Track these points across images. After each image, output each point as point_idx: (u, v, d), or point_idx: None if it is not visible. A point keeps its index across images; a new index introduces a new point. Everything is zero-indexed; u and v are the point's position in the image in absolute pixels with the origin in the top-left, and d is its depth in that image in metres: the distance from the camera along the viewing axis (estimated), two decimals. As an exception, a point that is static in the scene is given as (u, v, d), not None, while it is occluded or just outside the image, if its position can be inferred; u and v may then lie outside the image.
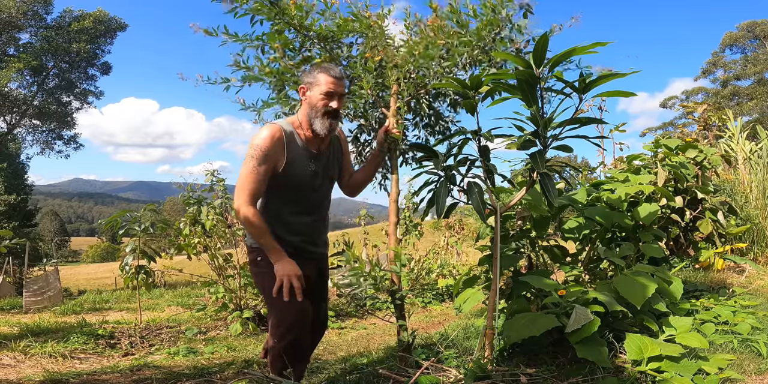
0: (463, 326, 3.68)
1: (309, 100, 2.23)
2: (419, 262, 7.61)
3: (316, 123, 2.21)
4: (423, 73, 2.48)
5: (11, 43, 23.96)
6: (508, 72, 2.12)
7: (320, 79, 2.20)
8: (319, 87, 2.20)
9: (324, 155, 2.34)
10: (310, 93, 2.23)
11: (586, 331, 2.14)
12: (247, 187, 2.12)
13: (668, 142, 4.20)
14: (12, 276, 14.39)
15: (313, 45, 2.61)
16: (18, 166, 27.11)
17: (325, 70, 2.21)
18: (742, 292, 3.53)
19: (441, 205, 2.14)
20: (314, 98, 2.21)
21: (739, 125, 6.50)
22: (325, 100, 2.19)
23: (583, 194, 3.24)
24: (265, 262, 2.26)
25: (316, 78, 2.21)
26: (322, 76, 2.20)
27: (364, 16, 2.55)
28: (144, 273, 5.44)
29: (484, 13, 2.49)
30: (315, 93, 2.21)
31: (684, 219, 4.02)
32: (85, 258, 68.82)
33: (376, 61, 2.49)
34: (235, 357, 3.87)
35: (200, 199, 5.92)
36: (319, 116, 2.21)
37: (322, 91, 2.19)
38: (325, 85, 2.19)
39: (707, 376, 2.12)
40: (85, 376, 3.24)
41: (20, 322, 5.69)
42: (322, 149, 2.32)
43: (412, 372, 2.03)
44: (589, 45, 1.80)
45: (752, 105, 32.40)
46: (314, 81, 2.21)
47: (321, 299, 2.48)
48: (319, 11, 2.55)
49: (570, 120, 2.00)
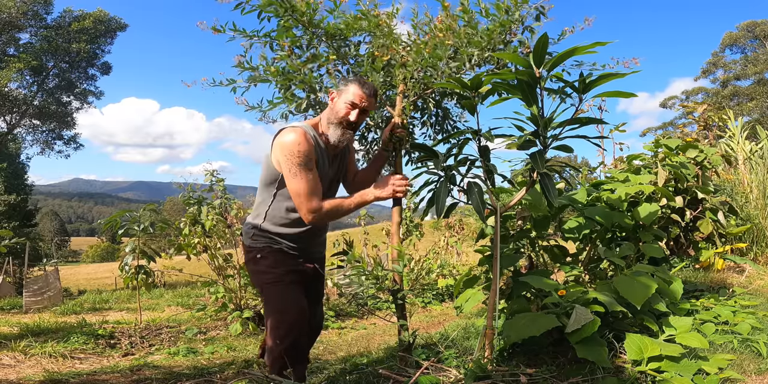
0: (463, 326, 3.68)
1: (333, 105, 2.24)
2: (419, 262, 7.61)
3: (331, 130, 2.23)
4: (430, 72, 2.47)
5: (11, 43, 23.97)
6: (508, 72, 2.11)
7: (351, 89, 2.21)
8: (347, 96, 2.21)
9: (338, 158, 2.37)
10: (337, 99, 2.24)
11: (586, 331, 2.14)
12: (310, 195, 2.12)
13: (668, 142, 4.20)
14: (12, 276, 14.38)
15: (320, 43, 2.60)
16: (18, 166, 27.09)
17: (359, 83, 2.22)
18: (742, 292, 3.53)
19: (441, 205, 2.14)
20: (338, 105, 2.22)
21: (739, 125, 6.50)
22: (348, 109, 2.20)
23: (583, 194, 3.23)
24: (264, 260, 2.25)
25: (347, 87, 2.22)
26: (353, 87, 2.21)
27: (373, 14, 2.54)
28: (144, 273, 5.44)
29: (497, 15, 2.47)
30: (341, 100, 2.22)
31: (684, 219, 4.02)
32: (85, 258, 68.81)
33: (384, 61, 2.48)
34: (235, 357, 3.87)
35: (200, 199, 5.92)
36: (335, 123, 2.22)
37: (348, 101, 2.20)
38: (353, 95, 2.20)
39: (707, 376, 2.12)
40: (85, 376, 3.24)
41: (20, 322, 5.69)
42: (337, 152, 2.34)
43: (412, 372, 2.03)
44: (589, 45, 1.79)
45: (752, 105, 32.39)
46: (345, 89, 2.22)
47: (316, 302, 2.48)
48: (328, 9, 2.54)
49: (570, 120, 2.00)
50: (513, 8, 2.43)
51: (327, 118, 2.24)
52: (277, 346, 2.23)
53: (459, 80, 2.15)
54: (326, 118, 2.25)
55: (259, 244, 2.29)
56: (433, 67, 2.43)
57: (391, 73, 2.53)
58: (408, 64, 2.44)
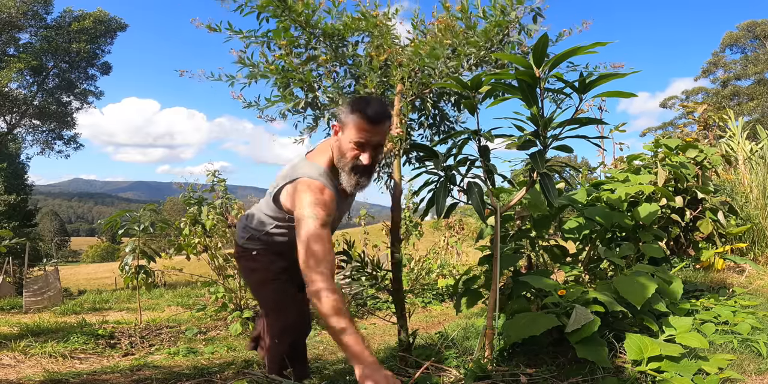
0: (463, 326, 3.67)
1: (339, 144, 1.83)
2: (419, 262, 7.61)
3: (343, 177, 1.85)
4: (428, 72, 2.47)
5: (11, 43, 23.96)
6: (508, 72, 2.12)
7: (352, 122, 1.76)
8: (350, 132, 1.77)
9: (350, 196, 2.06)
10: (342, 135, 1.82)
11: (586, 331, 2.14)
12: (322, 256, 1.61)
13: (668, 142, 4.20)
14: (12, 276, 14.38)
15: (318, 43, 2.60)
16: (18, 166, 27.09)
17: (361, 111, 1.75)
18: (742, 292, 3.52)
19: (441, 205, 2.14)
20: (344, 145, 1.80)
21: (740, 125, 6.50)
22: (355, 150, 1.78)
23: (583, 194, 3.23)
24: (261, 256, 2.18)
25: (349, 118, 1.78)
26: (354, 118, 1.75)
27: (372, 15, 2.54)
28: (144, 273, 5.44)
29: (494, 15, 2.47)
30: (345, 138, 1.79)
31: (684, 219, 4.02)
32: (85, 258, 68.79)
33: (381, 61, 2.48)
34: (235, 357, 3.87)
35: (201, 199, 5.94)
36: (347, 170, 1.83)
37: (352, 140, 1.76)
38: (356, 131, 1.75)
39: (707, 376, 2.12)
40: (85, 376, 3.24)
41: (20, 322, 5.69)
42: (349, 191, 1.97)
43: (412, 372, 2.03)
44: (589, 45, 1.79)
45: (753, 105, 32.39)
46: (347, 122, 1.78)
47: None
48: (326, 9, 2.54)
49: (570, 120, 2.00)
50: (508, 8, 2.44)
51: (337, 161, 1.86)
52: (276, 345, 2.20)
53: (459, 80, 2.15)
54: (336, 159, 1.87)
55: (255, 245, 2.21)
56: (431, 67, 2.43)
57: (388, 73, 2.53)
58: (404, 64, 2.44)
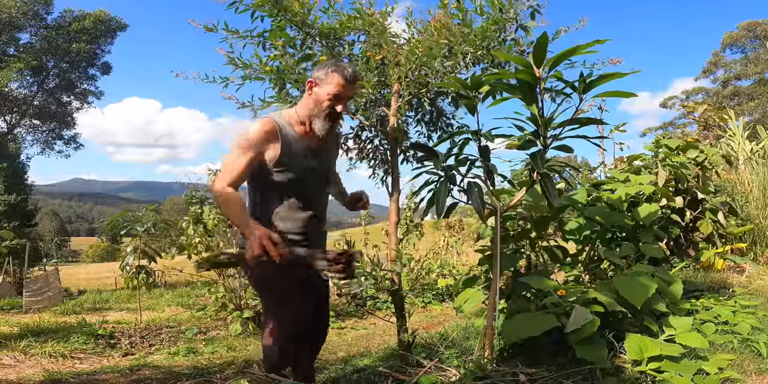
0: (463, 326, 3.68)
1: (315, 96, 2.13)
2: (419, 262, 7.61)
3: (316, 122, 2.14)
4: (425, 72, 2.47)
5: (11, 43, 23.98)
6: (508, 72, 2.12)
7: (332, 79, 2.10)
8: (328, 86, 2.10)
9: (324, 152, 2.26)
10: (318, 89, 2.13)
11: (585, 331, 2.14)
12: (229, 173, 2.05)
13: (669, 142, 4.19)
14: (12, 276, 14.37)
15: (314, 42, 2.60)
16: (18, 166, 27.07)
17: (339, 70, 2.10)
18: (742, 292, 3.52)
19: (441, 205, 2.14)
20: (321, 96, 2.12)
21: (740, 125, 6.50)
22: (331, 101, 2.11)
23: (583, 194, 3.23)
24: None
25: (328, 76, 2.11)
26: (335, 76, 2.10)
27: (367, 13, 2.54)
28: (144, 273, 5.45)
29: (492, 12, 2.47)
30: (323, 91, 2.11)
31: (684, 219, 4.02)
32: (85, 258, 68.72)
33: (377, 60, 2.48)
34: (235, 357, 3.87)
35: (202, 199, 5.94)
36: (321, 116, 2.13)
37: (330, 92, 2.10)
38: (335, 86, 2.10)
39: (707, 376, 2.12)
40: (85, 376, 3.24)
41: (20, 322, 5.69)
42: (322, 145, 2.23)
43: (412, 371, 2.03)
44: (588, 43, 1.80)
45: (753, 105, 32.37)
46: (326, 79, 2.11)
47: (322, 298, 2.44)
48: (322, 8, 2.54)
49: (570, 120, 2.00)
50: (507, 6, 2.43)
51: (308, 110, 2.15)
52: (277, 342, 2.18)
53: (459, 80, 2.15)
54: (306, 109, 2.15)
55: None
56: (427, 66, 2.43)
57: (385, 72, 2.52)
58: (401, 64, 2.44)
